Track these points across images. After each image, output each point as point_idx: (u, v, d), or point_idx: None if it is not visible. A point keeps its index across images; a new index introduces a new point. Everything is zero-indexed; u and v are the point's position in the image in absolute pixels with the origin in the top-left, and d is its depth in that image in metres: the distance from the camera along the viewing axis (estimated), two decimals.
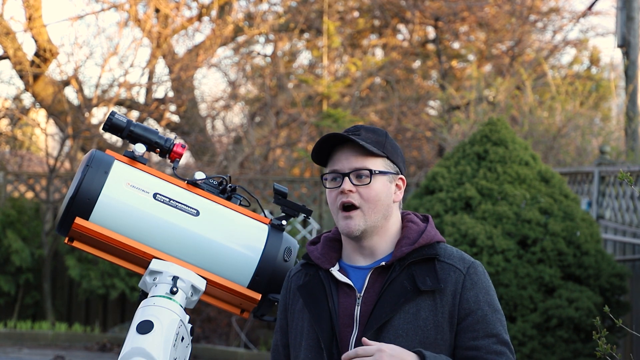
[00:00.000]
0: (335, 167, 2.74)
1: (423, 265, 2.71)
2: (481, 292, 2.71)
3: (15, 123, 16.73)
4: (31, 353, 12.82)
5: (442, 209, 8.85)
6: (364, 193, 2.71)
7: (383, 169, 2.74)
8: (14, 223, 14.41)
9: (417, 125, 19.09)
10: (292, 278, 2.83)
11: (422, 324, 2.66)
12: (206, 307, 13.13)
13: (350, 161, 2.72)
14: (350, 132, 2.76)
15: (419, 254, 2.72)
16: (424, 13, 19.37)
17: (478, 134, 9.25)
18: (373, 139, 2.74)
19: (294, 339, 2.79)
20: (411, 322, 2.66)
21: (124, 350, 2.48)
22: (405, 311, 2.66)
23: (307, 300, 2.75)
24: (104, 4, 16.92)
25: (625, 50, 14.83)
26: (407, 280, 2.69)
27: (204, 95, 21.21)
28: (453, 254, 2.75)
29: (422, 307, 2.67)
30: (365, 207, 2.71)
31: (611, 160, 12.35)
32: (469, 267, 2.72)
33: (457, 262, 2.73)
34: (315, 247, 2.84)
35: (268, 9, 19.74)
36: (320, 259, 2.78)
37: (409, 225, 2.79)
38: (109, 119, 2.83)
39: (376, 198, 2.72)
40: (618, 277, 8.66)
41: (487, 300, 2.71)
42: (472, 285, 2.70)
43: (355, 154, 2.72)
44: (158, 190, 2.75)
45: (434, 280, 2.68)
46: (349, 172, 2.72)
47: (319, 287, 2.75)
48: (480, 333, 2.67)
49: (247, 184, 15.84)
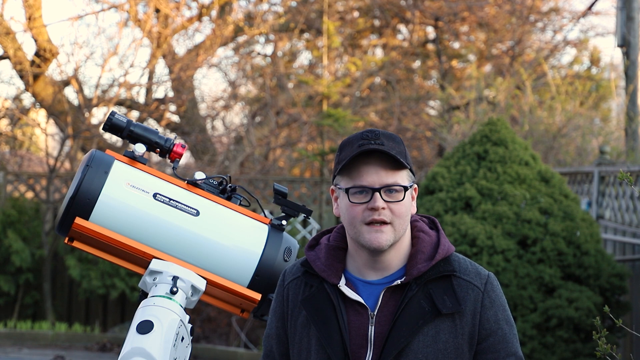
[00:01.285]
0: (363, 182, 2.58)
1: (440, 283, 2.61)
2: (500, 309, 2.64)
3: (15, 123, 16.73)
4: (31, 353, 12.82)
5: (442, 209, 8.85)
6: (395, 209, 2.58)
7: (408, 182, 2.62)
8: (14, 223, 14.41)
9: (417, 125, 19.10)
10: (289, 285, 2.71)
11: (442, 347, 2.57)
12: (206, 307, 13.13)
13: (381, 176, 2.58)
14: (372, 140, 2.59)
15: (436, 272, 2.61)
16: (424, 13, 19.37)
17: (478, 134, 9.25)
18: (397, 150, 2.60)
19: (297, 354, 2.67)
20: (430, 345, 2.56)
21: (124, 350, 2.48)
22: (424, 334, 2.56)
23: (314, 317, 2.62)
24: (104, 4, 16.93)
25: (625, 50, 14.83)
26: (425, 300, 2.58)
27: (204, 95, 21.23)
28: (468, 268, 2.65)
29: (442, 330, 2.57)
30: (396, 222, 2.58)
31: (611, 160, 12.35)
32: (486, 284, 2.63)
33: (474, 279, 2.63)
34: (316, 256, 2.69)
35: (268, 9, 19.75)
36: (326, 272, 2.65)
37: (420, 237, 2.67)
38: (109, 119, 2.83)
39: (406, 213, 2.60)
40: (618, 277, 8.66)
41: (505, 318, 2.64)
42: (491, 304, 2.62)
43: (384, 168, 2.58)
44: (158, 190, 2.75)
45: (453, 300, 2.58)
46: (379, 187, 2.57)
47: (327, 303, 2.63)
48: (502, 353, 2.60)
49: (247, 184, 15.84)
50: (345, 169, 2.61)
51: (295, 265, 2.75)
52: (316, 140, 18.35)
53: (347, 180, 2.61)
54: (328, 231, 2.79)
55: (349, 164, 2.59)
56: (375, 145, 2.57)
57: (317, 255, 2.69)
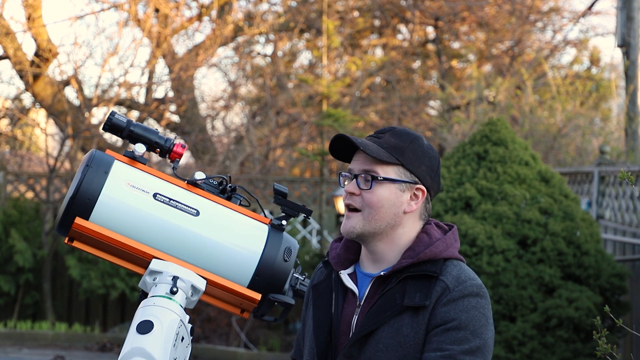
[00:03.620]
0: (350, 167, 2.72)
1: (419, 281, 2.62)
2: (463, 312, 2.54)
3: (15, 123, 16.73)
4: (31, 353, 12.82)
5: (442, 209, 8.85)
6: (365, 197, 2.66)
7: (394, 176, 2.65)
8: (15, 223, 14.42)
9: (417, 125, 19.10)
10: (317, 272, 2.84)
11: (402, 340, 2.58)
12: (206, 307, 13.13)
13: (361, 163, 2.68)
14: (375, 135, 2.70)
15: (417, 269, 2.62)
16: (424, 13, 19.38)
17: (478, 134, 9.25)
18: (392, 144, 2.66)
19: (304, 336, 2.80)
20: (393, 337, 2.59)
21: (124, 350, 2.48)
22: (390, 325, 2.60)
23: (315, 301, 2.75)
24: (103, 3, 16.93)
25: (625, 50, 14.83)
26: (399, 294, 2.61)
27: (204, 95, 21.25)
28: (452, 273, 2.61)
29: (405, 323, 2.59)
30: (366, 211, 2.66)
31: (611, 160, 12.35)
32: (459, 286, 2.58)
33: (451, 281, 2.59)
34: (336, 245, 2.80)
35: (268, 9, 19.76)
36: (335, 260, 2.76)
37: (420, 237, 2.70)
38: (109, 119, 2.82)
39: (378, 204, 2.65)
40: (618, 277, 8.66)
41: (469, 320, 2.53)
42: (452, 302, 2.56)
43: (367, 157, 2.67)
44: (158, 190, 2.74)
45: (422, 297, 2.58)
46: (357, 174, 2.68)
47: (328, 289, 2.75)
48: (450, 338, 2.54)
49: (247, 184, 15.85)
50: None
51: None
52: (316, 140, 18.36)
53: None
54: None
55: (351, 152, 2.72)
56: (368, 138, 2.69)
57: (337, 246, 2.80)
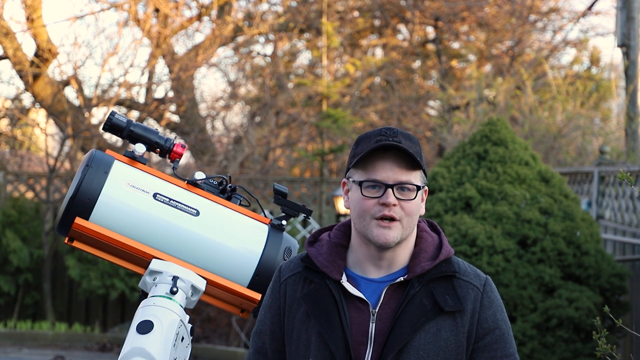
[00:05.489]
0: (377, 177, 2.60)
1: (441, 283, 2.65)
2: (498, 309, 2.67)
3: (15, 123, 16.73)
4: (31, 353, 12.82)
5: (442, 209, 8.85)
6: (406, 207, 2.61)
7: (421, 182, 2.64)
8: (14, 223, 14.42)
9: (417, 125, 19.10)
10: (287, 281, 2.69)
11: (444, 344, 2.59)
12: (206, 307, 13.13)
13: (395, 172, 2.60)
14: (390, 137, 2.62)
15: (438, 271, 2.65)
16: (424, 13, 19.38)
17: (478, 134, 9.25)
18: (414, 149, 2.63)
19: (295, 350, 2.66)
20: (432, 342, 2.59)
21: (124, 350, 2.48)
22: (425, 331, 2.59)
23: (315, 313, 2.62)
24: (103, 4, 16.92)
25: (625, 50, 14.83)
26: (427, 298, 2.61)
27: (204, 95, 21.25)
28: (467, 270, 2.69)
29: (443, 327, 2.60)
30: (405, 221, 2.61)
31: (611, 160, 12.35)
32: (484, 285, 2.68)
33: (474, 280, 2.67)
34: (318, 251, 2.69)
35: (268, 9, 19.75)
36: (329, 268, 2.65)
37: (424, 237, 2.70)
38: (109, 119, 2.82)
39: (415, 212, 2.63)
40: (618, 277, 8.66)
41: (504, 318, 2.68)
42: (490, 304, 2.66)
43: (399, 165, 2.60)
44: (158, 190, 2.74)
45: (454, 299, 2.62)
46: (393, 184, 2.60)
47: (328, 299, 2.63)
48: (499, 353, 2.64)
49: (247, 184, 15.85)
50: (360, 163, 2.62)
51: (293, 261, 2.74)
52: (316, 140, 18.36)
53: (362, 174, 2.63)
54: (327, 229, 2.79)
55: (365, 157, 2.62)
56: (393, 142, 2.60)
57: (319, 251, 2.69)
